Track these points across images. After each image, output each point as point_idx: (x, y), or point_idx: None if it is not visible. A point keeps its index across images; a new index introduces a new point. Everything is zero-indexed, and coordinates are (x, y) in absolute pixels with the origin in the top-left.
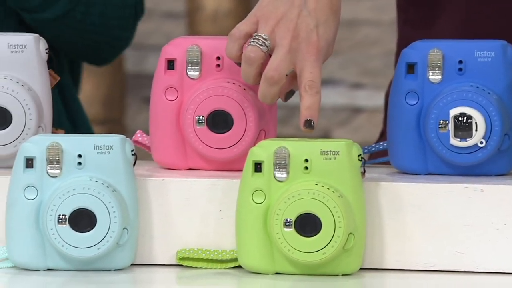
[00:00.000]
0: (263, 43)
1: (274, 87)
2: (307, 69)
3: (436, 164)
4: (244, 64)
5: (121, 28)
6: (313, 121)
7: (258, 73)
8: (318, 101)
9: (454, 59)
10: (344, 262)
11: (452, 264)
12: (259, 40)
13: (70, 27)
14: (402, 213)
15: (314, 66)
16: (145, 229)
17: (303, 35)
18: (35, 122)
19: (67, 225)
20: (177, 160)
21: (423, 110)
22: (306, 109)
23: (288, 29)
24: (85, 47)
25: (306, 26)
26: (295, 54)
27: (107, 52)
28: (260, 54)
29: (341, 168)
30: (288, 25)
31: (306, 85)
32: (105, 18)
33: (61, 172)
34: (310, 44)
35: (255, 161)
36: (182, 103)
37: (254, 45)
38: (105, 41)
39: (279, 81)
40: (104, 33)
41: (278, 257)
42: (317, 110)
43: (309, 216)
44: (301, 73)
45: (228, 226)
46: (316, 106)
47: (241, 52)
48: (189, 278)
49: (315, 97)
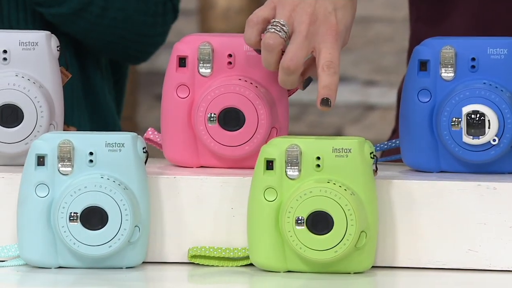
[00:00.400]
0: (281, 29)
1: (292, 76)
2: (326, 50)
3: (448, 162)
4: (264, 52)
5: (148, 25)
6: (330, 100)
7: (278, 59)
8: (336, 81)
9: (467, 56)
10: (356, 260)
11: (465, 262)
12: (277, 26)
13: (90, 22)
14: (415, 211)
15: (333, 47)
16: (157, 227)
17: (322, 18)
18: (47, 120)
19: (79, 223)
20: (188, 157)
21: (436, 107)
22: (323, 88)
23: (306, 13)
24: (111, 44)
25: (324, 10)
26: (313, 38)
27: (136, 49)
28: (279, 41)
29: (353, 166)
30: (306, 9)
31: (324, 65)
32: (127, 13)
33: (73, 170)
34: (329, 26)
35: (266, 159)
36: (193, 100)
37: (273, 31)
38: (132, 37)
39: (295, 70)
40: (129, 29)
41: (290, 255)
42: (334, 89)
43: (321, 214)
44: (319, 54)
45: (239, 224)
46: (334, 86)
47: (259, 38)
48: (200, 276)
49: (333, 77)
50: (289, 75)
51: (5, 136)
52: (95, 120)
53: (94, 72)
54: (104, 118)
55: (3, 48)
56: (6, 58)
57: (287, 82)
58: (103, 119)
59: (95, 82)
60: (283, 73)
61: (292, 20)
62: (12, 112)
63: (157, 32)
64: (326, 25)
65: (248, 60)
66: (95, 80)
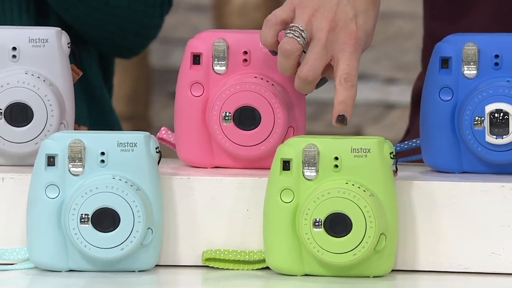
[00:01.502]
0: (300, 34)
1: (309, 85)
2: (344, 61)
3: (471, 162)
4: (281, 56)
5: (147, 15)
6: (346, 117)
7: (295, 65)
8: (353, 96)
9: (490, 53)
10: (375, 264)
11: (488, 266)
12: (296, 32)
13: (94, 8)
14: (436, 213)
15: (352, 58)
16: (170, 229)
17: (342, 24)
18: (57, 119)
19: (90, 225)
20: (203, 158)
21: (458, 106)
22: (340, 104)
23: (326, 19)
24: (111, 34)
25: (345, 16)
26: (332, 46)
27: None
28: (297, 46)
29: (373, 166)
30: (326, 14)
31: (341, 77)
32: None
33: (84, 170)
34: (349, 34)
35: (283, 159)
36: (208, 99)
37: (291, 37)
38: (131, 28)
39: (313, 81)
40: (129, 18)
41: (307, 258)
42: (351, 105)
43: (339, 216)
44: (337, 65)
45: (255, 226)
46: (351, 101)
47: (276, 39)
48: (215, 279)
49: (350, 91)
50: (306, 84)
51: (14, 135)
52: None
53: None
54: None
55: (12, 45)
56: (15, 55)
57: (304, 90)
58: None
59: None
60: (300, 82)
61: (311, 25)
62: (21, 111)
63: (154, 24)
64: (346, 32)
65: (264, 58)
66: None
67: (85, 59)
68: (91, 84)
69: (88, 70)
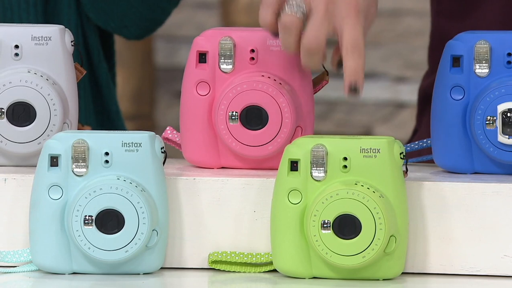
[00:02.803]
0: (298, 9)
1: (315, 56)
2: (348, 31)
3: (483, 162)
4: (282, 33)
5: None
6: (358, 86)
7: (298, 40)
8: (362, 65)
9: (503, 52)
10: (385, 266)
11: (500, 269)
12: (293, 7)
13: None
14: (447, 215)
15: (355, 28)
16: (175, 231)
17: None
18: (60, 118)
19: (94, 227)
20: (209, 158)
21: (469, 105)
22: (349, 75)
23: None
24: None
25: None
26: (332, 17)
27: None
28: (296, 20)
29: (382, 166)
30: None
31: (348, 48)
32: None
33: (87, 171)
34: (348, 3)
35: (291, 159)
36: (214, 98)
37: (289, 13)
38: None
39: (318, 49)
40: None
41: (316, 261)
42: (361, 74)
43: (348, 218)
44: (342, 36)
45: (262, 228)
46: (360, 69)
47: (275, 19)
48: (221, 282)
49: (359, 60)
50: (312, 55)
51: (17, 135)
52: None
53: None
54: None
55: (14, 43)
56: (18, 53)
57: (310, 63)
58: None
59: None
60: (305, 54)
61: None
62: (24, 110)
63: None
64: (345, 2)
65: (272, 56)
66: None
67: (95, 57)
68: (98, 81)
69: (97, 70)
